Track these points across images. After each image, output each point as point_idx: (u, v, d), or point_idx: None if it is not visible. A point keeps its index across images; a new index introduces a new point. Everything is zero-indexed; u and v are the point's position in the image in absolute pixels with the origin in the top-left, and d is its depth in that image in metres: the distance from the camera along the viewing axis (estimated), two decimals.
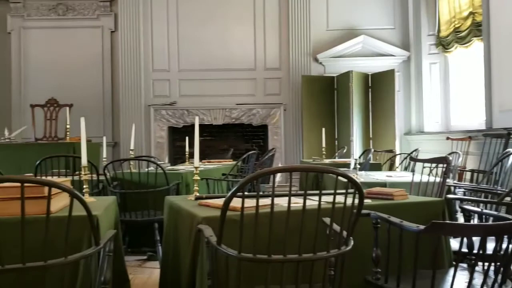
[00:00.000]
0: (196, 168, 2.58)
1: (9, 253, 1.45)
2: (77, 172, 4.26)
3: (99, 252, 1.68)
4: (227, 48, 7.85)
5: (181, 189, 4.01)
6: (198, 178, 2.60)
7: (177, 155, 7.77)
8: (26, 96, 7.91)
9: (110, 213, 2.32)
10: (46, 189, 1.92)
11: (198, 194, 2.49)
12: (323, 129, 5.90)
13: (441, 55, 7.25)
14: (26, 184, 1.83)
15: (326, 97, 7.64)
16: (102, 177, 3.86)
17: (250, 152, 4.45)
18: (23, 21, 8.05)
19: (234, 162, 5.59)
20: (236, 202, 1.63)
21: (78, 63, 7.99)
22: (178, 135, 7.96)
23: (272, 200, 1.58)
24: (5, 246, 1.44)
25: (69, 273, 1.58)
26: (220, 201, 2.23)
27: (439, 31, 7.09)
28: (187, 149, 5.58)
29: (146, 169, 4.12)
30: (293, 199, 1.61)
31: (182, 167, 4.80)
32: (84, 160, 2.43)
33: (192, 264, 2.01)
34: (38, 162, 3.84)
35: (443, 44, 6.93)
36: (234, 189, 1.61)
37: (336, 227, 1.71)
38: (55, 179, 2.89)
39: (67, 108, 6.10)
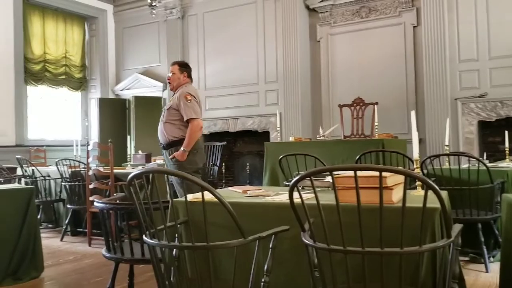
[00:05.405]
0: None
1: (355, 236, 1.54)
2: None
3: (449, 245, 1.63)
4: None
5: (506, 187, 3.64)
6: None
7: (489, 152, 7.05)
8: (334, 97, 8.63)
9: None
10: (385, 180, 2.02)
11: None
12: None
13: None
14: (362, 174, 1.95)
15: None
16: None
17: None
18: (330, 28, 8.80)
19: None
20: None
21: (380, 62, 8.21)
22: (490, 130, 7.23)
23: None
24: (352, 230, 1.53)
25: (419, 262, 1.59)
26: None
27: None
28: (506, 144, 5.04)
29: (465, 166, 3.88)
30: None
31: (504, 164, 4.34)
32: (415, 154, 2.44)
33: None
34: (358, 156, 4.15)
35: None
36: None
37: None
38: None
39: (373, 106, 6.35)
